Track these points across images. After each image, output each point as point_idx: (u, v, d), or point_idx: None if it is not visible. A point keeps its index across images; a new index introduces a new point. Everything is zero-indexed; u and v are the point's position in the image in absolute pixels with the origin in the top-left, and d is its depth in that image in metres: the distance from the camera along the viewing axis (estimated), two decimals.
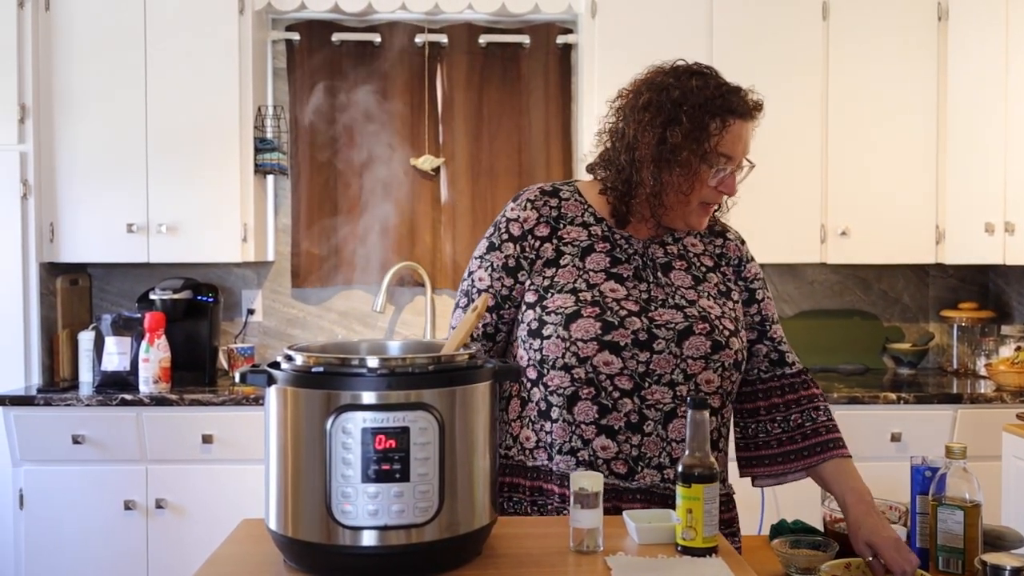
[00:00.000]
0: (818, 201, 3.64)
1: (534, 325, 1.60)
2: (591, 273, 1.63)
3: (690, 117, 1.57)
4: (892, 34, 3.63)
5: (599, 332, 1.56)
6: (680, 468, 1.26)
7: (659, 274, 1.66)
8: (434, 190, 3.88)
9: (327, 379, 1.17)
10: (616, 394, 1.57)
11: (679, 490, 1.25)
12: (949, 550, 1.62)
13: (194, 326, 3.58)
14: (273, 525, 1.20)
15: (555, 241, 1.65)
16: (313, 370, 1.18)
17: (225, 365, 3.68)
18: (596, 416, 1.57)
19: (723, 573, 1.16)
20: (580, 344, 1.55)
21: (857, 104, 3.63)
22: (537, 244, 1.65)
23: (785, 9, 3.60)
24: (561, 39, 3.85)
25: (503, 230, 1.68)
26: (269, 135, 3.70)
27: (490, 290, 1.65)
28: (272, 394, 1.21)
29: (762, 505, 3.20)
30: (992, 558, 1.43)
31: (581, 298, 1.59)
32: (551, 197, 1.70)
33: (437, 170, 3.86)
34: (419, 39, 3.82)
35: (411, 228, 3.88)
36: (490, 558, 1.24)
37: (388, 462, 1.13)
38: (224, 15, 3.49)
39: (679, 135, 1.57)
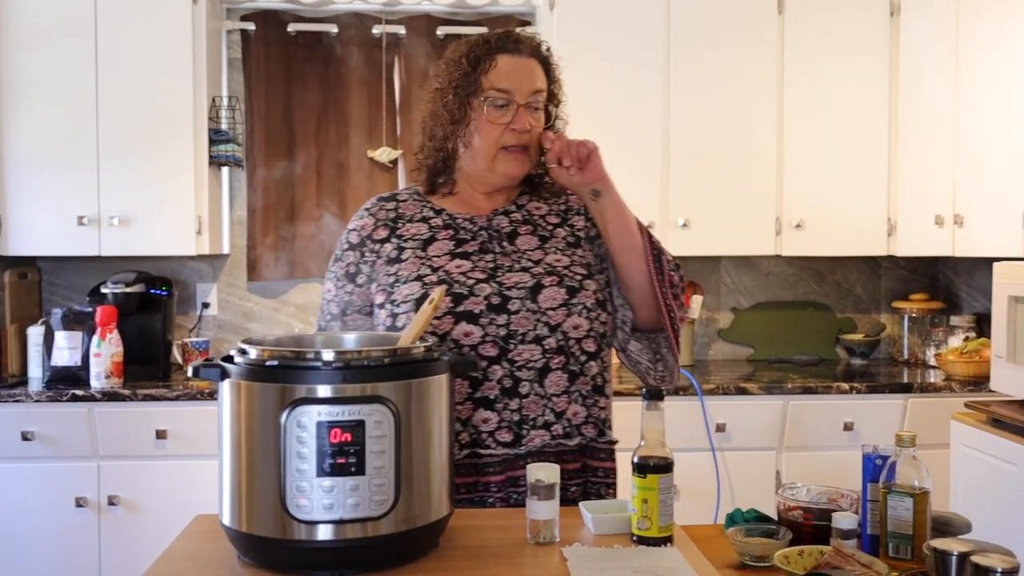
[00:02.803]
0: (773, 194, 3.68)
1: (388, 322, 1.63)
2: (434, 259, 1.66)
3: (458, 66, 1.67)
4: (846, 29, 3.67)
5: (451, 305, 1.58)
6: (635, 459, 1.26)
7: (505, 243, 1.69)
8: (392, 182, 3.86)
9: (281, 373, 1.16)
10: (484, 363, 1.58)
11: (634, 480, 1.26)
12: (898, 536, 1.65)
13: (147, 320, 3.52)
14: (227, 520, 1.19)
15: (395, 240, 1.69)
16: (267, 364, 1.17)
17: (179, 359, 3.63)
18: (469, 391, 1.58)
19: (678, 562, 1.17)
20: (435, 322, 1.56)
21: (812, 98, 3.67)
22: (377, 247, 1.70)
23: (742, 3, 3.63)
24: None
25: (344, 242, 1.74)
26: (224, 126, 3.66)
27: (336, 299, 1.71)
28: (226, 388, 1.19)
29: (718, 495, 3.24)
30: (940, 544, 1.45)
31: (427, 281, 1.62)
32: (388, 202, 1.76)
33: (395, 162, 3.84)
34: (376, 30, 3.79)
35: None
36: (447, 550, 1.23)
37: (343, 455, 1.13)
38: (177, 3, 3.43)
39: (447, 84, 1.67)
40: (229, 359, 1.21)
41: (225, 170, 3.80)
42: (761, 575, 1.71)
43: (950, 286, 4.09)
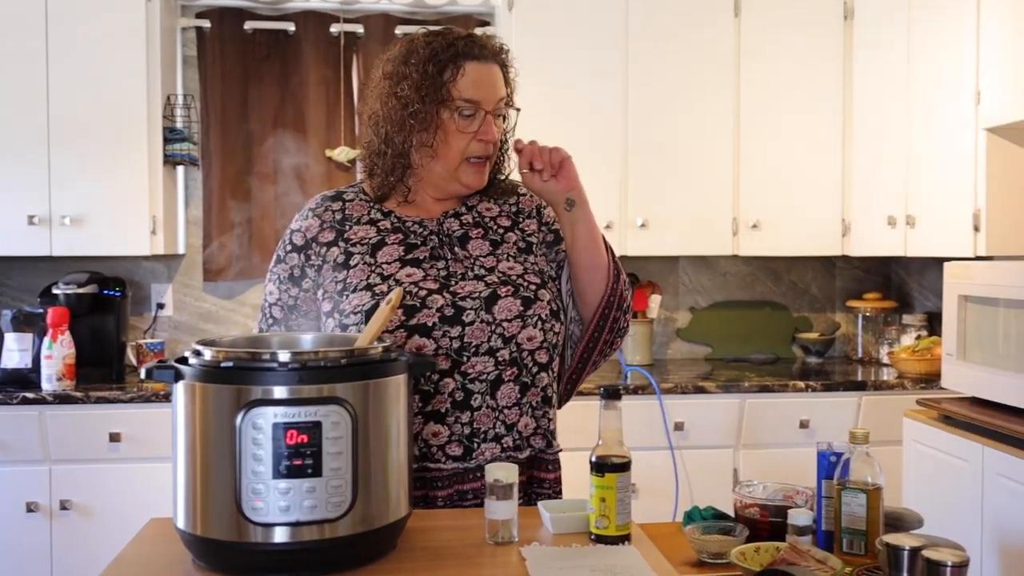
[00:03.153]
0: (730, 195, 3.72)
1: (336, 332, 1.58)
2: (384, 266, 1.60)
3: (418, 69, 1.58)
4: (801, 32, 3.72)
5: (403, 318, 1.53)
6: (593, 458, 1.27)
7: (456, 248, 1.65)
8: (349, 181, 3.82)
9: (237, 374, 1.14)
10: (435, 376, 1.54)
11: (592, 479, 1.26)
12: (852, 532, 1.67)
13: (100, 321, 3.47)
14: (181, 524, 1.18)
15: (342, 244, 1.63)
16: (222, 365, 1.15)
17: (134, 361, 3.57)
18: (420, 405, 1.54)
19: (636, 561, 1.18)
20: (386, 336, 1.51)
21: (768, 100, 3.72)
22: (323, 250, 1.63)
23: (699, 4, 3.66)
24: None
25: (287, 242, 1.67)
26: (179, 125, 3.61)
27: (280, 302, 1.65)
28: (180, 390, 1.18)
29: (676, 493, 3.27)
30: (892, 539, 1.48)
31: (377, 291, 1.56)
32: (333, 202, 1.69)
33: (353, 162, 3.81)
34: (334, 29, 3.76)
35: None
36: (406, 551, 1.23)
37: (300, 457, 1.12)
38: (130, 0, 3.39)
39: (409, 88, 1.59)
40: (183, 360, 1.20)
41: (180, 169, 3.75)
42: (718, 572, 1.73)
43: (902, 285, 4.16)
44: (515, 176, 1.76)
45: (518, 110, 1.69)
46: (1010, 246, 3.03)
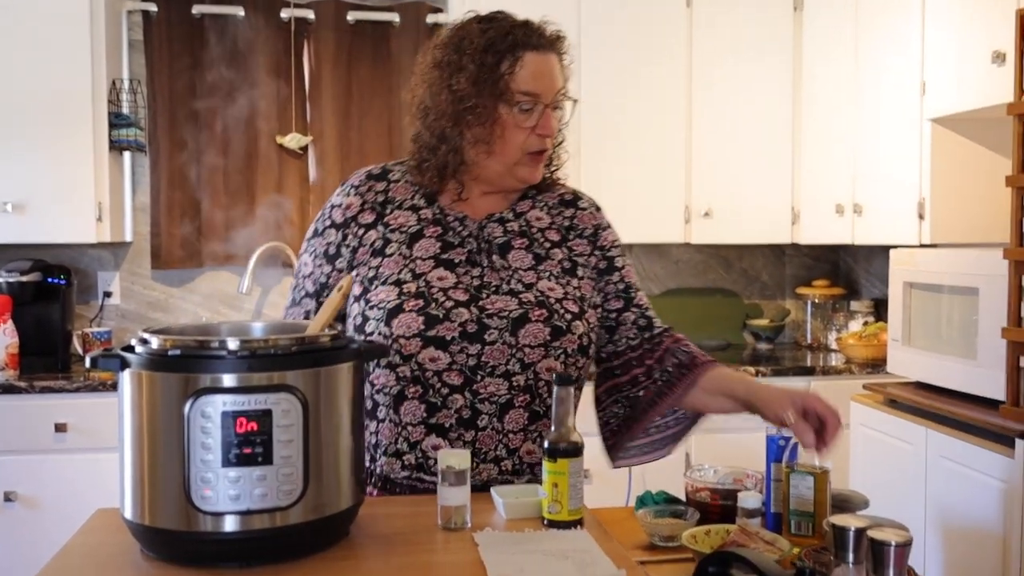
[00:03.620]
0: (682, 183, 3.75)
1: (358, 320, 1.53)
2: (418, 261, 1.53)
3: (474, 60, 1.49)
4: (751, 22, 3.76)
5: (422, 328, 1.47)
6: (546, 443, 1.27)
7: (495, 257, 1.57)
8: (302, 169, 3.80)
9: (185, 362, 1.13)
10: (445, 391, 1.49)
11: (545, 465, 1.27)
12: (800, 514, 1.70)
13: (45, 310, 3.40)
14: (129, 514, 1.16)
15: (381, 228, 1.57)
16: (170, 353, 1.14)
17: (80, 350, 3.51)
18: (424, 415, 1.50)
19: (588, 544, 1.19)
20: (403, 341, 1.47)
21: (719, 90, 3.75)
22: (361, 232, 1.57)
23: None
24: (431, 18, 3.82)
25: (327, 216, 1.61)
26: (125, 110, 3.54)
27: (312, 276, 1.61)
28: (126, 378, 1.16)
29: (629, 478, 3.29)
30: (839, 520, 1.50)
31: (405, 290, 1.50)
32: (378, 181, 1.62)
33: (305, 149, 3.77)
34: (284, 14, 3.71)
35: (278, 208, 3.79)
36: (358, 538, 1.22)
37: (250, 445, 1.10)
38: None
39: (466, 82, 1.49)
40: (130, 349, 1.18)
41: (127, 155, 3.68)
42: (670, 555, 1.75)
43: (850, 273, 4.24)
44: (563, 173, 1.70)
45: (575, 101, 1.60)
46: (953, 234, 3.10)
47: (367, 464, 1.58)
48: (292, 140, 3.73)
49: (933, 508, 2.76)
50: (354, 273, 1.56)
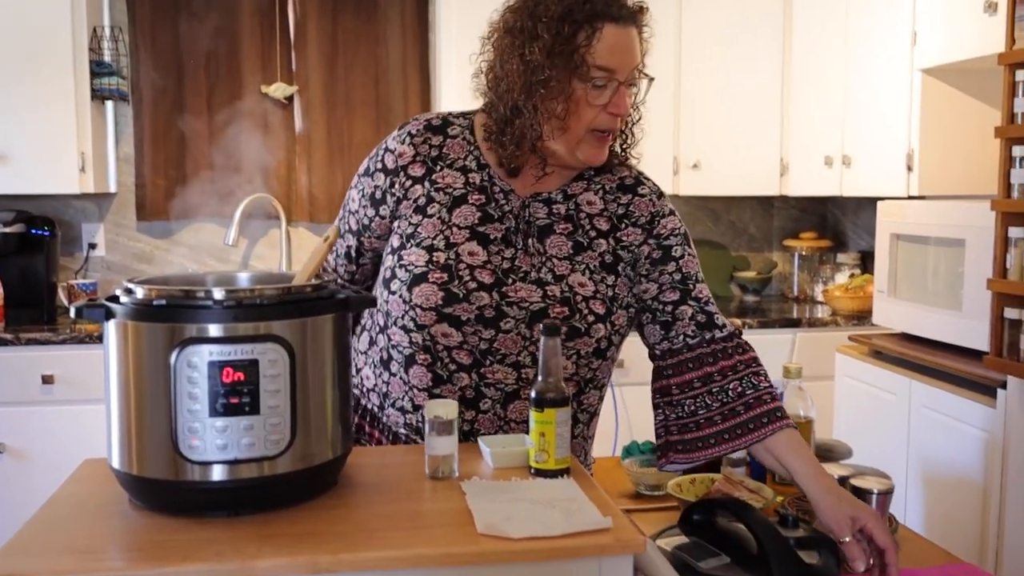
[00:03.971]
0: (671, 135, 3.73)
1: (387, 275, 1.51)
2: (455, 229, 1.48)
3: (550, 29, 1.39)
4: None
5: (439, 303, 1.44)
6: (533, 393, 1.28)
7: (532, 240, 1.50)
8: (287, 119, 3.76)
9: (170, 312, 1.12)
10: (453, 367, 1.47)
11: (532, 414, 1.27)
12: None
13: (29, 262, 3.38)
14: (116, 464, 1.16)
15: (427, 185, 1.50)
16: (155, 303, 1.13)
17: (65, 302, 3.49)
18: (430, 384, 1.48)
19: (574, 493, 1.20)
20: (419, 311, 1.45)
21: (709, 42, 3.71)
22: (408, 183, 1.51)
23: None
24: None
25: (379, 159, 1.55)
26: (107, 58, 3.48)
27: (357, 214, 1.57)
28: (111, 329, 1.15)
29: (616, 428, 3.32)
30: None
31: (434, 259, 1.46)
32: (435, 134, 1.53)
33: (290, 99, 3.73)
34: None
35: (264, 158, 3.75)
36: (346, 487, 1.23)
37: (237, 395, 1.10)
38: None
39: (540, 52, 1.40)
40: (115, 299, 1.17)
41: (109, 104, 3.63)
42: (655, 503, 1.78)
43: (837, 225, 4.24)
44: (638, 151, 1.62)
45: (651, 79, 1.51)
46: (941, 186, 3.10)
47: (376, 411, 1.59)
48: (277, 90, 3.68)
49: (915, 457, 2.80)
50: (395, 224, 1.52)
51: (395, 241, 1.52)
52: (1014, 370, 2.34)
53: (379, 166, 1.55)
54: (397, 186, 1.52)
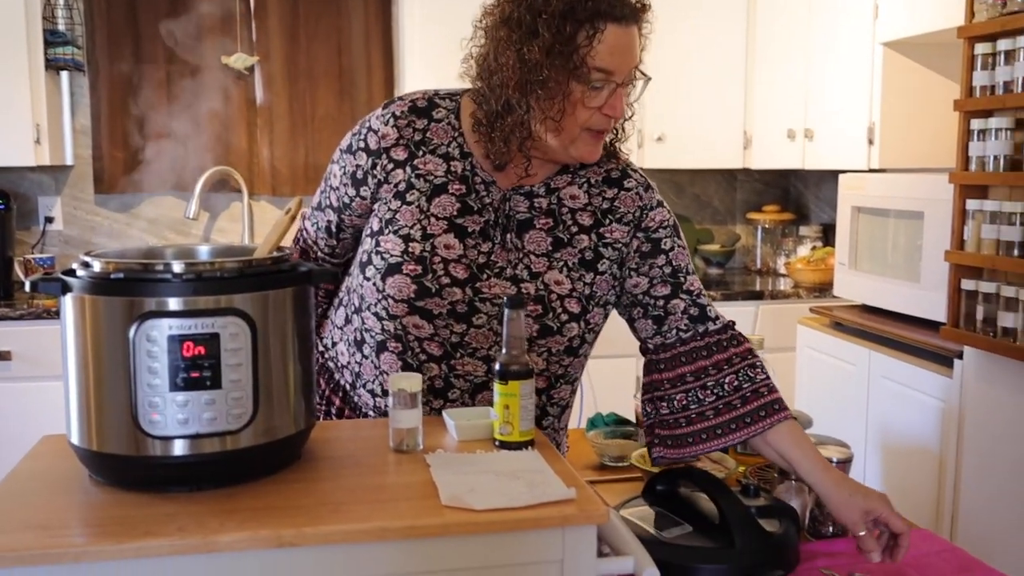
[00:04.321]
0: (635, 108, 3.72)
1: (364, 258, 1.50)
2: (432, 219, 1.45)
3: (550, 27, 1.33)
4: None
5: (411, 296, 1.43)
6: (497, 366, 1.28)
7: (510, 235, 1.47)
8: (248, 91, 3.70)
9: (129, 285, 1.10)
10: (423, 357, 1.47)
11: (496, 387, 1.27)
12: None
13: None
14: (76, 440, 1.14)
15: (408, 170, 1.47)
16: (113, 276, 1.11)
17: (22, 277, 3.43)
18: (400, 371, 1.48)
19: (539, 464, 1.20)
20: (391, 301, 1.45)
21: (673, 15, 3.70)
22: (390, 166, 1.47)
23: None
24: None
25: (362, 137, 1.50)
26: (61, 27, 3.40)
27: (337, 191, 1.54)
28: (68, 303, 1.13)
29: (581, 401, 3.33)
30: None
31: (410, 249, 1.44)
32: (420, 117, 1.49)
33: (251, 70, 3.67)
34: None
35: (225, 131, 3.70)
36: (309, 461, 1.23)
37: (197, 369, 1.09)
38: None
39: (539, 51, 1.34)
40: (71, 273, 1.15)
41: (65, 75, 3.55)
42: (620, 474, 1.79)
43: (800, 198, 4.28)
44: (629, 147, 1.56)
45: (648, 79, 1.47)
46: (902, 159, 3.13)
47: (348, 389, 1.58)
48: (238, 60, 3.62)
49: (874, 427, 2.85)
50: (375, 206, 1.49)
51: (374, 224, 1.50)
52: (970, 340, 2.38)
53: (361, 145, 1.50)
54: (379, 168, 1.48)
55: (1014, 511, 2.30)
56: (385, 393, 1.51)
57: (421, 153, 1.48)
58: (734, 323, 1.57)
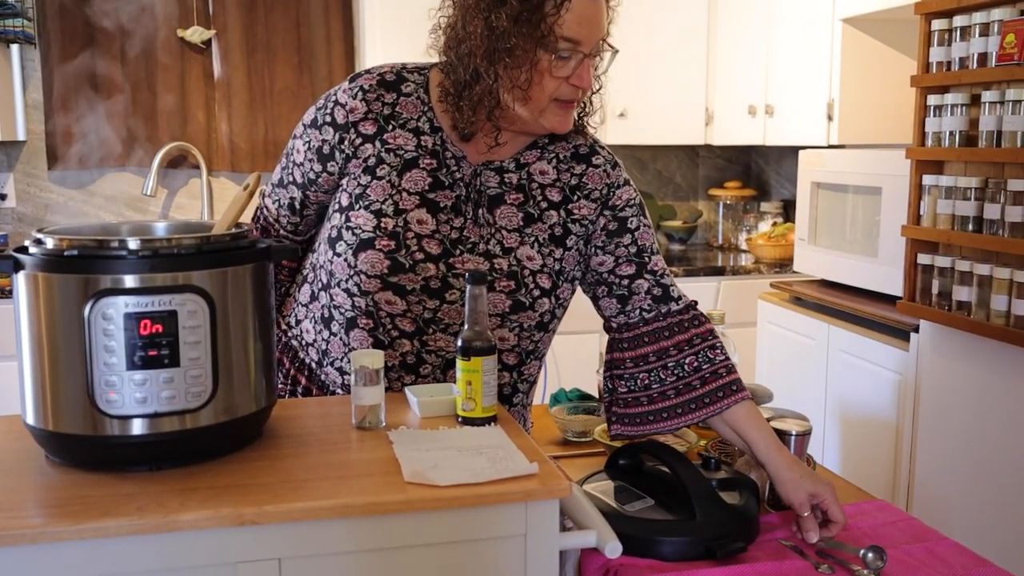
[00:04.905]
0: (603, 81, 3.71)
1: (333, 234, 1.48)
2: (404, 194, 1.44)
3: None
4: None
5: (385, 271, 1.43)
6: (459, 342, 1.27)
7: (482, 210, 1.48)
8: (206, 65, 3.64)
9: (83, 263, 1.08)
10: (395, 333, 1.47)
11: (459, 363, 1.27)
12: None
13: None
14: (31, 420, 1.13)
15: (378, 144, 1.46)
16: (66, 254, 1.09)
17: None
18: (370, 348, 1.47)
19: (502, 440, 1.21)
20: (364, 277, 1.44)
21: None
22: (358, 141, 1.46)
23: None
24: None
25: (328, 111, 1.48)
26: None
27: (302, 167, 1.51)
28: (21, 281, 1.11)
29: (544, 377, 3.35)
30: None
31: (382, 224, 1.43)
32: (388, 91, 1.47)
33: (208, 43, 3.61)
34: None
35: (182, 106, 3.64)
36: (271, 439, 1.22)
37: (155, 348, 1.07)
38: None
39: (506, 19, 1.34)
40: (23, 250, 1.12)
41: (15, 48, 3.47)
42: (582, 449, 1.80)
43: (761, 174, 4.31)
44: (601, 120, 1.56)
45: (616, 51, 1.46)
46: (861, 135, 3.16)
47: (314, 367, 1.57)
48: (194, 33, 3.56)
49: (833, 400, 2.90)
50: (343, 181, 1.48)
51: (343, 199, 1.48)
52: (926, 314, 2.42)
53: (327, 119, 1.48)
54: (347, 143, 1.47)
55: (967, 479, 2.35)
56: None
57: (391, 127, 1.47)
58: (696, 303, 1.58)
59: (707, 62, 3.84)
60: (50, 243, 1.11)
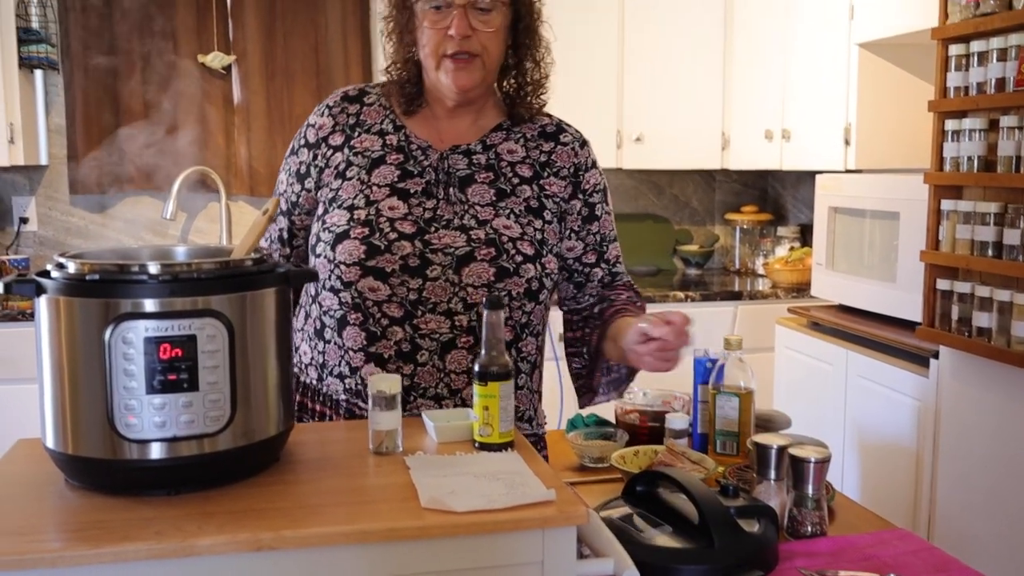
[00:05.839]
0: (614, 109, 3.73)
1: (313, 240, 1.54)
2: (374, 188, 1.51)
3: None
4: None
5: (362, 256, 1.46)
6: (476, 367, 1.27)
7: (453, 190, 1.52)
8: (226, 90, 3.68)
9: (104, 287, 1.09)
10: (385, 321, 1.48)
11: (476, 388, 1.27)
12: (725, 434, 1.75)
13: None
14: (51, 444, 1.13)
15: (346, 151, 1.55)
16: (88, 278, 1.10)
17: None
18: (364, 343, 1.49)
19: (518, 466, 1.20)
20: (344, 268, 1.47)
21: (651, 15, 3.72)
22: (329, 152, 1.56)
23: None
24: None
25: (302, 135, 1.61)
26: (35, 25, 3.37)
27: (285, 194, 1.60)
28: (43, 305, 1.12)
29: (561, 402, 3.34)
30: (761, 439, 1.55)
31: (355, 216, 1.49)
32: (352, 103, 1.60)
33: (228, 68, 3.65)
34: None
35: (202, 130, 3.67)
36: (288, 464, 1.22)
37: (174, 372, 1.08)
38: None
39: (392, 3, 1.54)
40: (45, 274, 1.13)
41: (39, 73, 3.51)
42: (600, 475, 1.79)
43: (778, 198, 4.30)
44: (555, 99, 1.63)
45: (506, 4, 1.50)
46: (878, 159, 3.16)
47: (315, 384, 1.58)
48: (215, 59, 3.60)
49: (851, 426, 2.87)
50: (319, 194, 1.56)
51: (319, 210, 1.56)
52: (946, 340, 2.40)
53: (302, 143, 1.59)
54: (319, 157, 1.56)
55: (990, 509, 2.32)
56: (353, 371, 1.51)
57: (357, 134, 1.56)
58: (632, 282, 1.70)
59: (723, 87, 3.85)
60: (72, 267, 1.12)
